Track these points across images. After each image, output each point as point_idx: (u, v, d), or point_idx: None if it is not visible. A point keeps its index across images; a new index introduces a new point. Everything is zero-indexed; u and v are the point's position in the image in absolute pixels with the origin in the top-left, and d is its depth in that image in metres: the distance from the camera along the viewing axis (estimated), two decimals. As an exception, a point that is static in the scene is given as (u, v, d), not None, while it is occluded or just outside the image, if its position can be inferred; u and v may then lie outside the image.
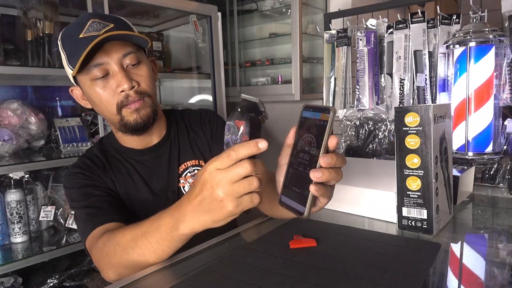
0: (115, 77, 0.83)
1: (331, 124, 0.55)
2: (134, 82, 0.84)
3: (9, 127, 1.53)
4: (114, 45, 0.82)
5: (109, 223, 0.81)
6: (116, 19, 0.85)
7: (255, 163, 0.54)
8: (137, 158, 0.95)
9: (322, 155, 0.55)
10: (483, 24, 1.09)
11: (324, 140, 0.55)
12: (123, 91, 0.83)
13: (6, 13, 1.60)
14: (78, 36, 0.80)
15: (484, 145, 1.08)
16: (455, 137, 1.11)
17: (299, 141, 0.60)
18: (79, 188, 0.88)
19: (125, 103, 0.84)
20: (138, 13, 2.27)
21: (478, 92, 1.07)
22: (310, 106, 0.60)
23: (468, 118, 1.08)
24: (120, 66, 0.83)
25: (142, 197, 0.93)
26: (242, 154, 0.54)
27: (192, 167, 0.98)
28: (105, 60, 0.82)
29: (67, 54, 0.83)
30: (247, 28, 2.49)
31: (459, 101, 1.11)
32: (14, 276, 1.48)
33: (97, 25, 0.80)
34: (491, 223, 0.84)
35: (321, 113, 0.57)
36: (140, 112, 0.86)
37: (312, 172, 0.54)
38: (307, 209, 0.55)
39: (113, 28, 0.81)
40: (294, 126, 0.61)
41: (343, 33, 1.50)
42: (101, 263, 0.75)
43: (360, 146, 1.48)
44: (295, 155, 0.60)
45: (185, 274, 0.61)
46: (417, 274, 0.56)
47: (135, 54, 0.85)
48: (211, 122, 1.04)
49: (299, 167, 0.58)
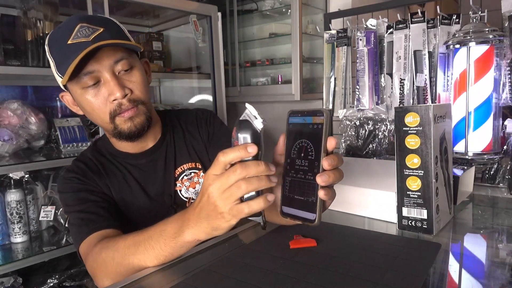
0: (107, 85, 0.80)
1: (327, 126, 0.54)
2: (127, 89, 0.81)
3: (9, 127, 1.53)
4: (104, 52, 0.78)
5: (105, 229, 0.79)
6: (106, 22, 0.82)
7: (246, 166, 0.53)
8: (132, 162, 0.93)
9: (325, 158, 0.54)
10: (483, 24, 1.09)
11: (323, 142, 0.54)
12: (115, 100, 0.80)
13: (6, 13, 1.60)
14: (67, 42, 0.76)
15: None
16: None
17: (293, 149, 0.58)
18: (73, 193, 0.86)
19: (118, 112, 0.81)
20: (138, 13, 2.27)
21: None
22: (296, 111, 0.59)
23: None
24: (111, 73, 0.79)
25: (138, 202, 0.91)
26: (230, 158, 0.53)
27: (188, 170, 0.96)
28: (96, 68, 0.78)
29: (56, 61, 0.79)
30: (247, 28, 2.49)
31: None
32: (14, 276, 1.48)
33: (85, 30, 0.76)
34: (491, 223, 0.84)
35: (312, 117, 0.56)
36: (134, 120, 0.83)
37: (319, 177, 0.53)
38: (318, 216, 0.55)
39: (102, 32, 0.77)
40: (283, 134, 0.60)
41: (343, 33, 1.50)
42: (96, 270, 0.73)
43: (360, 146, 1.48)
44: (290, 163, 0.58)
45: (185, 274, 0.61)
46: (417, 274, 0.56)
47: (127, 60, 0.81)
48: (207, 123, 1.01)
49: (298, 174, 0.57)
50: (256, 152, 0.53)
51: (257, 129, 0.55)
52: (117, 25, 0.84)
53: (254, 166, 0.53)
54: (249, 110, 0.55)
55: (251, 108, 0.55)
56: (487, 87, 1.07)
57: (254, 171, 0.53)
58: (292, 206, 0.58)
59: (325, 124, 0.54)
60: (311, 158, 0.56)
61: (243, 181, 0.53)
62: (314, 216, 0.55)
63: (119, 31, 0.83)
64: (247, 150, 0.53)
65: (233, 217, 0.55)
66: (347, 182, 0.89)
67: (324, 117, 0.54)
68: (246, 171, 0.53)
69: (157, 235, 0.64)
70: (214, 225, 0.57)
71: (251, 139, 0.54)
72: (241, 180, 0.53)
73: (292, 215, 0.58)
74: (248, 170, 0.53)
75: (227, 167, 0.55)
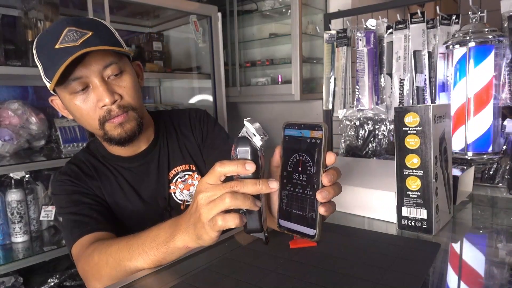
0: (95, 91, 0.78)
1: (326, 140, 0.54)
2: (116, 95, 0.79)
3: (10, 127, 1.53)
4: (93, 56, 0.76)
5: (98, 232, 0.79)
6: (96, 25, 0.79)
7: (243, 182, 0.52)
8: (125, 165, 0.92)
9: (324, 174, 0.53)
10: (482, 25, 1.09)
11: (323, 158, 0.53)
12: (104, 106, 0.78)
13: (7, 14, 1.60)
14: (54, 47, 0.74)
15: (484, 147, 1.08)
16: (455, 140, 1.11)
17: (290, 162, 0.57)
18: (67, 195, 0.86)
19: (108, 118, 0.79)
20: (138, 13, 2.27)
21: (478, 96, 1.07)
22: (293, 123, 0.58)
23: (468, 122, 1.08)
24: (100, 78, 0.77)
25: (131, 205, 0.90)
26: (226, 170, 0.53)
27: (182, 172, 0.95)
28: (84, 73, 0.76)
29: (43, 66, 0.78)
30: (247, 28, 2.49)
31: (459, 105, 1.11)
32: (15, 275, 1.49)
33: (73, 34, 0.74)
34: (491, 223, 0.84)
35: (310, 131, 0.55)
36: (124, 126, 0.81)
37: (319, 194, 0.53)
38: (318, 231, 0.54)
39: (91, 37, 0.75)
40: (279, 146, 0.59)
41: (343, 33, 1.50)
42: (88, 273, 0.72)
43: (360, 146, 1.48)
44: (288, 176, 0.58)
45: (185, 274, 0.61)
46: (417, 274, 0.56)
47: (116, 65, 0.79)
48: (201, 123, 1.00)
49: (296, 188, 0.56)
50: (253, 170, 0.52)
51: (256, 146, 0.53)
52: (107, 28, 0.82)
53: (251, 185, 0.53)
54: (247, 127, 0.54)
55: (249, 125, 0.54)
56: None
57: (250, 190, 0.53)
58: (290, 220, 0.58)
59: (324, 139, 0.53)
60: (309, 173, 0.55)
61: (228, 195, 0.52)
62: (314, 232, 0.55)
63: (109, 35, 0.80)
64: (244, 167, 0.52)
65: (210, 228, 0.54)
66: (347, 182, 0.89)
67: (323, 131, 0.54)
68: (239, 187, 0.52)
69: (150, 240, 0.63)
70: (198, 234, 0.56)
71: (250, 157, 0.53)
72: (228, 193, 0.52)
73: (290, 229, 0.58)
74: (243, 187, 0.52)
75: (222, 178, 0.54)
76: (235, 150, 0.54)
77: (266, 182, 0.53)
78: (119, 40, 0.83)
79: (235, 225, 0.53)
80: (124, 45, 0.84)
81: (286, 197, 0.58)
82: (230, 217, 0.53)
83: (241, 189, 0.52)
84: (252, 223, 0.56)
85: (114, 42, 0.81)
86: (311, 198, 0.55)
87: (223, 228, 0.53)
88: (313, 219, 0.55)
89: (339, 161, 1.13)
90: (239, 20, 2.44)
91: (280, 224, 0.59)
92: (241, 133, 0.54)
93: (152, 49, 2.13)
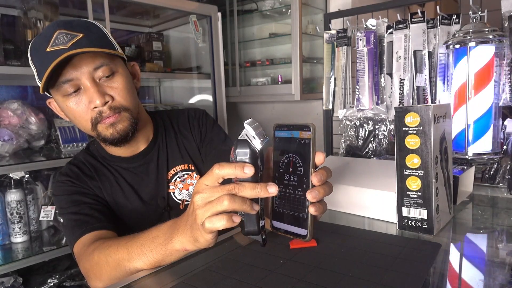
0: (86, 93, 0.78)
1: (315, 140, 0.54)
2: (107, 96, 0.79)
3: (9, 127, 1.53)
4: (83, 58, 0.76)
5: (99, 230, 0.79)
6: (87, 27, 0.79)
7: (241, 186, 0.51)
8: (124, 166, 0.93)
9: (314, 174, 0.53)
10: (483, 24, 1.09)
11: (311, 158, 0.53)
12: (96, 107, 0.78)
13: (7, 13, 1.60)
14: (45, 50, 0.74)
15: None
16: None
17: (280, 163, 0.57)
18: (67, 195, 0.86)
19: (99, 119, 0.80)
20: (138, 13, 2.27)
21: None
22: (282, 125, 0.58)
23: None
24: (91, 80, 0.77)
25: (131, 205, 0.91)
26: (224, 172, 0.52)
27: (181, 171, 0.95)
28: (74, 75, 0.76)
29: (37, 69, 0.78)
30: (247, 28, 2.49)
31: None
32: (15, 276, 1.49)
33: (63, 37, 0.74)
34: (491, 223, 0.84)
35: (299, 131, 0.55)
36: (116, 126, 0.81)
37: (309, 194, 0.53)
38: (309, 231, 0.54)
39: (81, 39, 0.75)
40: (270, 147, 0.59)
41: (343, 33, 1.50)
42: (90, 272, 0.72)
43: (360, 146, 1.48)
44: (279, 177, 0.58)
45: (185, 274, 0.61)
46: (417, 274, 0.56)
47: (108, 66, 0.79)
48: (200, 123, 1.00)
49: (287, 189, 0.56)
50: (252, 173, 0.52)
51: (255, 149, 0.53)
52: (100, 29, 0.81)
53: (249, 188, 0.52)
54: (247, 130, 0.54)
55: (249, 128, 0.53)
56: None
57: (248, 193, 0.52)
58: (283, 221, 0.58)
59: (313, 139, 0.54)
60: (299, 174, 0.55)
61: (227, 197, 0.51)
62: (305, 232, 0.55)
63: (100, 36, 0.80)
64: (243, 170, 0.51)
65: (203, 230, 0.53)
66: (347, 182, 0.89)
67: (311, 132, 0.54)
68: (237, 190, 0.52)
69: (149, 242, 0.63)
70: (194, 236, 0.56)
71: (249, 160, 0.53)
72: (226, 195, 0.51)
73: (283, 229, 0.58)
74: (241, 190, 0.52)
75: (220, 180, 0.54)
76: (234, 153, 0.53)
77: (265, 187, 0.53)
78: (112, 41, 0.83)
79: (221, 226, 0.52)
80: (117, 47, 0.83)
81: (278, 198, 0.58)
82: (216, 218, 0.52)
83: (240, 192, 0.52)
84: (250, 225, 0.56)
85: (106, 43, 0.80)
86: (302, 198, 0.55)
87: (213, 230, 0.53)
88: (304, 219, 0.55)
89: (339, 161, 1.13)
90: (239, 20, 2.44)
91: (274, 225, 0.60)
92: (240, 136, 0.54)
93: (152, 49, 2.13)
